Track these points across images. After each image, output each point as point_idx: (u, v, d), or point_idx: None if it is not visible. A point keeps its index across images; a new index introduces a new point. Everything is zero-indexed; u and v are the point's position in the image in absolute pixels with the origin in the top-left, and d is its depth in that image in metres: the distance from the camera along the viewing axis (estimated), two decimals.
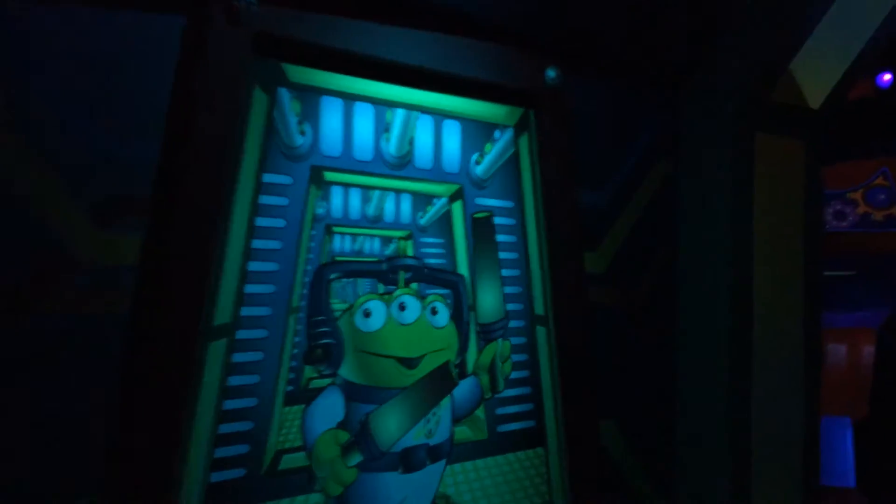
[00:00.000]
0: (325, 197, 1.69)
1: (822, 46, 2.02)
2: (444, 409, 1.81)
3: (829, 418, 4.01)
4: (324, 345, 1.64)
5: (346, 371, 1.68)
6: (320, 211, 1.67)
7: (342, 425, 1.65)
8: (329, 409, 1.65)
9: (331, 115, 1.70)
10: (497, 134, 1.97)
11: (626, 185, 2.17)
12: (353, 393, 1.68)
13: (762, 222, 2.11)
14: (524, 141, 2.00)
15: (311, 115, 1.67)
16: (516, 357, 1.97)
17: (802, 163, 2.21)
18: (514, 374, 1.96)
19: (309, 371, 1.65)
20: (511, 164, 1.99)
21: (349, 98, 1.73)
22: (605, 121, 2.13)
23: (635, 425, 2.22)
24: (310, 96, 1.68)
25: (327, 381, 1.66)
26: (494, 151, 1.96)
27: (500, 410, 1.94)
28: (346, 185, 1.71)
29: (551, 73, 1.97)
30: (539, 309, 2.00)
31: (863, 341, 3.98)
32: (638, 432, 2.23)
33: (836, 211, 4.02)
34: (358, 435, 1.66)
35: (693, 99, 2.18)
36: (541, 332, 2.00)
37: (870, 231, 3.98)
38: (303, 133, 1.65)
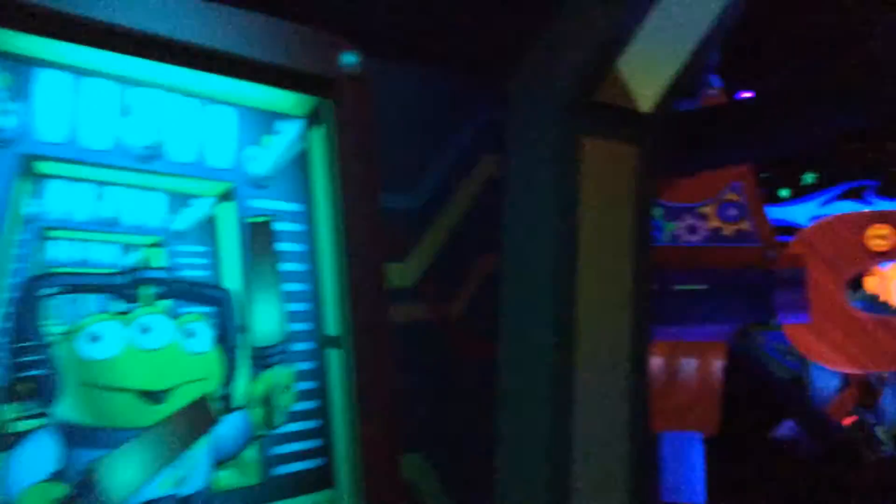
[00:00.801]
0: (39, 193, 1.36)
1: (650, 49, 1.87)
2: (200, 450, 1.51)
3: (678, 434, 3.95)
4: (31, 377, 1.32)
5: (66, 409, 1.35)
6: (31, 210, 1.34)
7: (57, 477, 1.33)
8: (38, 458, 1.33)
9: (52, 91, 1.38)
10: (281, 125, 1.69)
11: (441, 187, 1.95)
12: (74, 436, 1.35)
13: (589, 231, 1.93)
14: (317, 135, 1.73)
15: (22, 90, 1.34)
16: (302, 385, 1.69)
17: (633, 168, 2.04)
18: (299, 406, 1.69)
19: (10, 410, 1.31)
20: (300, 162, 1.71)
21: (83, 73, 1.41)
22: (419, 114, 1.90)
23: (447, 457, 1.99)
24: (22, 67, 1.35)
25: (36, 422, 1.33)
26: (278, 145, 1.67)
27: (279, 449, 1.66)
28: (72, 179, 1.39)
29: (350, 58, 1.70)
30: (331, 329, 1.73)
31: (713, 355, 3.93)
32: (450, 465, 2.00)
33: (688, 225, 3.95)
34: (80, 488, 1.34)
35: (519, 95, 1.98)
36: (333, 355, 1.73)
37: (721, 246, 3.93)
38: (6, 113, 1.32)
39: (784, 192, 12.62)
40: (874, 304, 6.44)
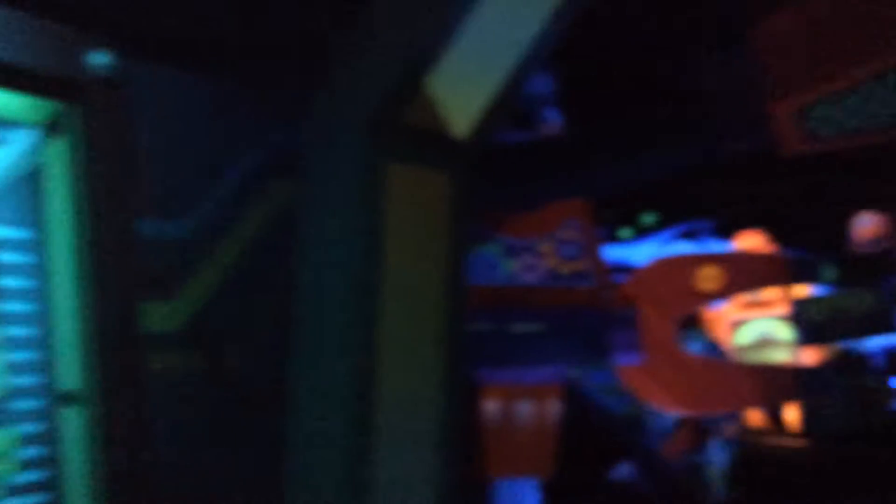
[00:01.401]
0: None
1: (462, 73, 1.71)
2: None
3: (513, 480, 3.80)
4: None
5: None
6: None
7: None
8: None
9: None
10: (9, 135, 1.38)
11: (220, 215, 1.68)
12: None
13: (395, 266, 1.72)
14: (57, 147, 1.43)
15: None
16: (30, 452, 1.37)
17: (446, 197, 1.85)
18: (26, 477, 1.36)
19: None
20: (33, 179, 1.40)
21: None
22: (196, 129, 1.63)
23: None
24: None
25: None
26: (4, 159, 1.36)
27: None
28: None
29: (101, 58, 1.42)
30: (70, 382, 1.42)
31: (549, 398, 3.82)
32: None
33: (527, 263, 3.84)
34: None
35: (318, 116, 1.75)
36: (71, 414, 1.42)
37: (558, 285, 3.84)
38: None
39: (625, 233, 13.04)
40: (713, 346, 6.60)
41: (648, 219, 12.81)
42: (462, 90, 1.75)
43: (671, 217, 12.51)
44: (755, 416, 11.06)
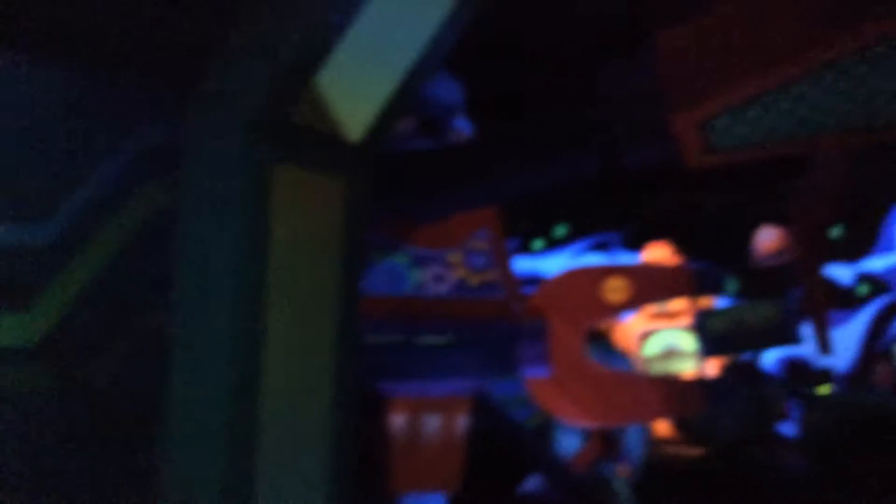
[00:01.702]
0: None
1: (356, 71, 1.62)
2: None
3: (420, 494, 3.64)
4: None
5: None
6: None
7: None
8: None
9: None
10: None
11: (85, 218, 1.54)
12: None
13: (282, 276, 1.61)
14: None
15: None
16: None
17: (339, 203, 1.75)
18: None
19: None
20: None
21: None
22: (57, 123, 1.49)
23: None
24: None
25: None
26: None
27: None
28: None
29: None
30: None
31: (457, 411, 3.75)
32: None
33: (435, 274, 3.77)
34: None
35: (198, 112, 1.63)
36: None
37: (466, 297, 3.78)
38: None
39: (538, 244, 13.22)
40: (621, 357, 6.66)
41: (560, 230, 13.04)
42: (356, 91, 1.66)
43: (582, 229, 12.76)
44: (662, 427, 11.32)
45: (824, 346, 2.91)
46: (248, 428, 1.59)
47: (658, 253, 11.35)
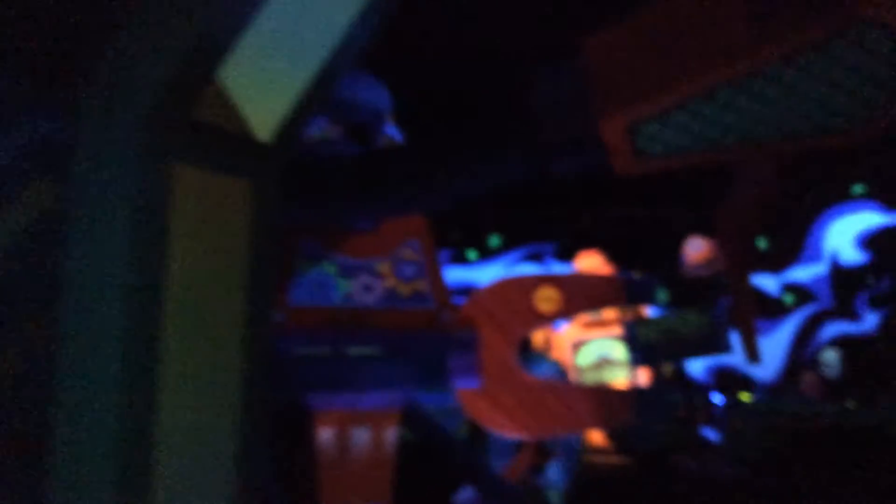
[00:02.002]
0: None
1: (263, 74, 1.51)
2: None
3: None
4: None
5: None
6: None
7: None
8: None
9: None
10: None
11: None
12: None
13: (181, 284, 1.48)
14: None
15: None
16: None
17: (246, 208, 1.64)
18: None
19: None
20: None
21: None
22: None
23: None
24: None
25: None
26: None
27: None
28: None
29: None
30: None
31: (387, 423, 3.65)
32: None
33: (364, 284, 3.67)
34: None
35: (89, 106, 1.50)
36: None
37: (395, 307, 3.69)
38: None
39: (471, 254, 13.26)
40: (556, 368, 6.64)
41: (494, 241, 13.10)
42: (263, 89, 1.56)
43: (516, 239, 12.86)
44: (594, 436, 11.41)
45: (752, 355, 2.90)
46: (142, 444, 1.46)
47: (590, 262, 11.49)
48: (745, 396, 9.84)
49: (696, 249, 11.20)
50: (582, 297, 3.69)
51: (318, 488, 3.39)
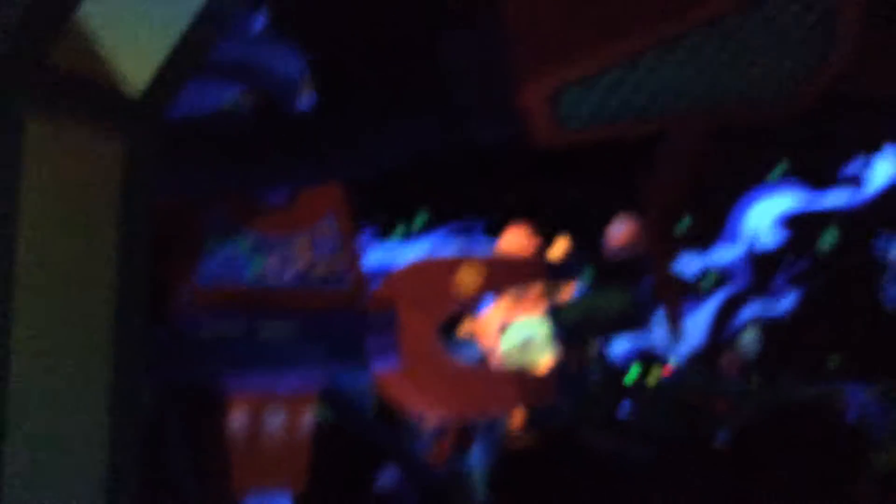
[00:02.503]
0: None
1: (134, 19, 1.32)
2: None
3: (263, 496, 3.33)
4: None
5: None
6: None
7: None
8: None
9: None
10: None
11: None
12: None
13: (39, 252, 1.29)
14: None
15: None
16: None
17: (117, 167, 1.45)
18: None
19: None
20: None
21: None
22: None
23: None
24: None
25: None
26: None
27: None
28: None
29: None
30: None
31: (303, 407, 3.48)
32: None
33: (280, 261, 3.48)
34: None
35: None
36: None
37: (312, 286, 3.52)
38: None
39: (398, 232, 13.02)
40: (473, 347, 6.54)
41: (420, 219, 12.89)
42: (134, 38, 1.37)
43: (443, 217, 12.66)
44: (515, 417, 11.37)
45: (676, 335, 2.84)
46: None
47: (515, 238, 11.42)
48: (654, 375, 9.99)
49: (621, 230, 11.22)
50: (504, 276, 3.58)
51: (230, 474, 3.21)
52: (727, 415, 9.30)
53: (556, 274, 3.50)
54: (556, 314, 3.67)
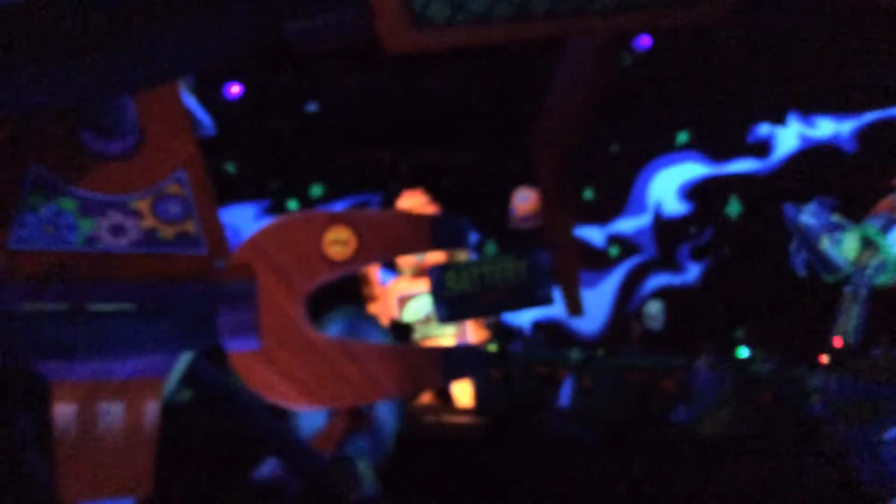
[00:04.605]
0: None
1: None
2: None
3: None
4: None
5: None
6: None
7: None
8: None
9: None
10: None
11: None
12: None
13: None
14: None
15: None
16: None
17: None
18: None
19: None
20: None
21: None
22: None
23: None
24: None
25: None
26: None
27: None
28: None
29: None
30: None
31: (146, 396, 2.90)
32: None
33: (114, 224, 2.89)
34: None
35: None
36: None
37: (156, 252, 2.94)
38: None
39: (292, 204, 12.50)
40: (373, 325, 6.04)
41: (316, 190, 12.38)
42: None
43: (340, 189, 12.19)
44: (424, 395, 11.04)
45: (574, 308, 2.41)
46: None
47: (412, 203, 11.03)
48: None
49: (523, 201, 10.94)
50: (380, 239, 3.06)
51: (56, 480, 2.65)
52: (675, 394, 9.21)
53: (439, 237, 2.99)
54: (439, 282, 3.16)
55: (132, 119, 2.91)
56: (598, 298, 13.33)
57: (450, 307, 3.32)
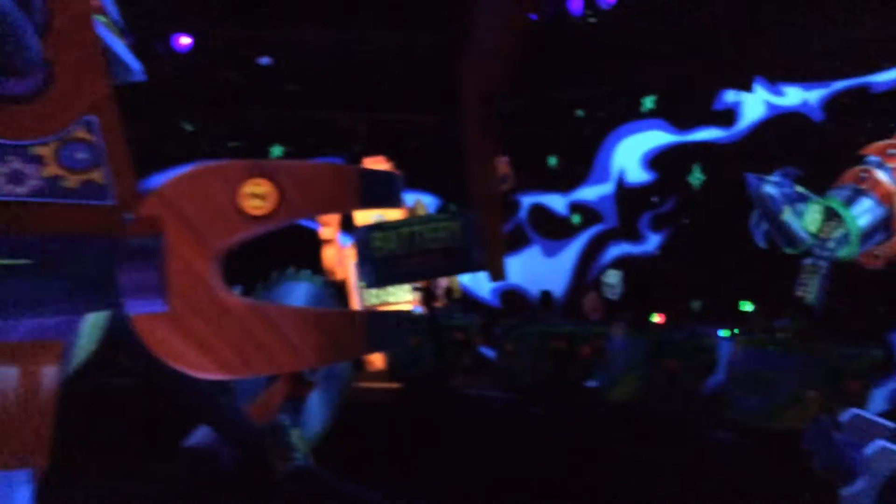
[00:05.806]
0: None
1: None
2: None
3: None
4: None
5: None
6: None
7: None
8: None
9: None
10: None
11: None
12: None
13: None
14: None
15: None
16: None
17: None
18: None
19: None
20: None
21: None
22: None
23: None
24: None
25: None
26: None
27: None
28: None
29: None
30: None
31: (44, 359, 2.69)
32: None
33: (13, 171, 2.63)
34: None
35: None
36: None
37: (58, 202, 2.67)
38: None
39: None
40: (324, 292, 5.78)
41: (276, 152, 12.07)
42: None
43: (302, 151, 11.89)
44: (370, 360, 10.85)
45: (497, 273, 2.15)
46: None
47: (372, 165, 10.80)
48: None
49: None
50: (303, 194, 2.80)
51: None
52: (592, 360, 9.19)
53: (369, 194, 2.74)
54: (366, 241, 2.89)
55: (36, 57, 2.62)
56: (559, 267, 13.24)
57: (377, 270, 3.07)
